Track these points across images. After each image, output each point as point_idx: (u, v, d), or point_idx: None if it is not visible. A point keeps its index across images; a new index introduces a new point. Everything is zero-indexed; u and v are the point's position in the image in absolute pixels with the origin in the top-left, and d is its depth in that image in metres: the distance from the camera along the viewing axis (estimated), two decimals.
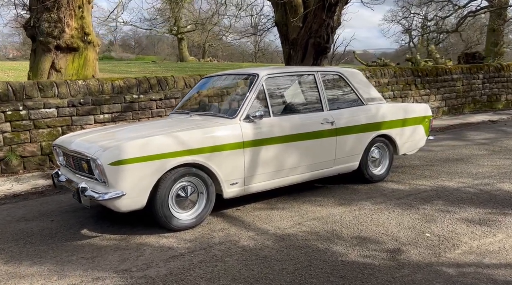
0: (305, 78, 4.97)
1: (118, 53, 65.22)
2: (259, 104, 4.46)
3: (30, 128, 6.15)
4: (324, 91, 4.92)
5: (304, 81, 4.98)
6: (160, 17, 40.16)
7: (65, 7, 8.04)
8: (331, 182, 5.46)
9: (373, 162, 5.40)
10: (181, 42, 42.24)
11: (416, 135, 5.75)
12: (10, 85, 5.99)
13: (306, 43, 12.52)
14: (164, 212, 3.82)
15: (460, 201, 4.63)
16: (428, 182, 5.38)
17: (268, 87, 4.55)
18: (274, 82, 4.66)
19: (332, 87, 5.13)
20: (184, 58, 41.59)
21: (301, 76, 4.97)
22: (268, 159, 4.39)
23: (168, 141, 3.81)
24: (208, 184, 4.06)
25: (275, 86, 4.66)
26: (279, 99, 4.70)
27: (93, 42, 8.60)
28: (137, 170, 3.64)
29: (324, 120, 4.79)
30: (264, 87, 4.49)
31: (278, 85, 4.71)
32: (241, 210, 4.52)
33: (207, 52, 52.17)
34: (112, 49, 69.40)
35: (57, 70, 8.20)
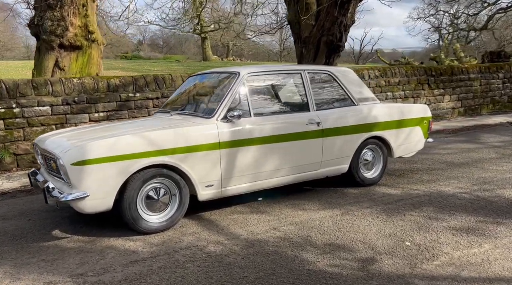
0: (291, 77, 4.79)
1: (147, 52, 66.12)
2: (239, 103, 4.31)
3: (23, 126, 6.16)
4: (311, 90, 4.73)
5: (290, 80, 4.79)
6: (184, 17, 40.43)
7: (68, 6, 8.06)
8: (321, 185, 5.27)
9: (365, 165, 5.17)
10: (205, 42, 42.38)
11: (413, 137, 5.49)
12: (4, 83, 6.01)
13: (318, 41, 12.29)
14: (131, 214, 3.71)
15: (452, 208, 4.37)
16: (423, 187, 5.12)
17: (249, 86, 4.39)
18: (257, 81, 4.50)
19: (321, 86, 4.93)
20: (208, 57, 41.75)
21: (287, 75, 4.79)
22: (248, 161, 4.24)
23: (136, 141, 3.70)
24: (180, 186, 3.94)
25: (257, 85, 4.50)
26: (261, 98, 4.54)
27: (97, 41, 8.61)
28: (102, 171, 3.54)
29: (310, 120, 4.60)
30: (245, 86, 4.33)
31: (261, 84, 4.55)
32: (219, 213, 4.38)
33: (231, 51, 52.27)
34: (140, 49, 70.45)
35: (60, 68, 8.24)
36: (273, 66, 4.77)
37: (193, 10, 39.72)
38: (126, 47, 67.35)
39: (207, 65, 32.56)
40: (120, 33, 49.35)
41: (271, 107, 4.56)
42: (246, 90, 4.32)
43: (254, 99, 4.39)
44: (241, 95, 4.34)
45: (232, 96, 4.25)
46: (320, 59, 12.46)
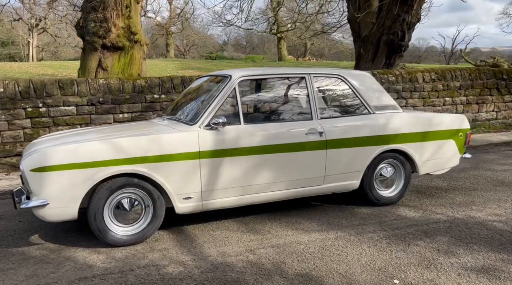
0: (293, 81, 4.33)
1: (230, 52, 67.68)
2: (228, 110, 3.96)
3: (49, 125, 6.29)
4: (316, 96, 4.24)
5: (292, 84, 4.34)
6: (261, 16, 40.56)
7: (111, 7, 8.18)
8: (331, 201, 4.75)
9: (382, 181, 4.56)
10: (280, 41, 42.21)
11: (445, 152, 4.76)
12: (32, 83, 6.17)
13: (378, 40, 11.54)
14: (97, 225, 3.51)
15: (473, 240, 3.67)
16: (449, 211, 4.41)
17: (242, 91, 4.02)
18: (251, 86, 4.11)
19: (329, 92, 4.42)
20: (282, 57, 41.57)
21: (288, 79, 4.34)
22: (234, 173, 3.87)
23: (102, 148, 3.49)
24: (154, 197, 3.68)
25: (252, 90, 4.11)
26: (255, 105, 4.14)
27: (140, 41, 8.67)
28: (63, 178, 3.37)
29: (311, 130, 4.12)
30: (236, 90, 3.96)
31: (256, 89, 4.15)
32: (203, 227, 4.06)
33: (309, 51, 51.60)
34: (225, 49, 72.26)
35: (103, 69, 8.40)
36: (275, 69, 4.34)
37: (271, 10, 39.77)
38: (211, 48, 69.30)
39: (280, 64, 32.33)
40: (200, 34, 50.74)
41: (266, 115, 4.16)
42: (237, 95, 3.95)
43: (246, 106, 4.01)
44: (231, 100, 3.98)
45: (220, 101, 3.90)
46: (379, 59, 11.68)
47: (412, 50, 59.54)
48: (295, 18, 24.48)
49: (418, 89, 8.43)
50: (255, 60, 40.64)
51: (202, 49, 64.15)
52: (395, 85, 8.25)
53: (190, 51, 64.56)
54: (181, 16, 46.64)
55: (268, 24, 40.83)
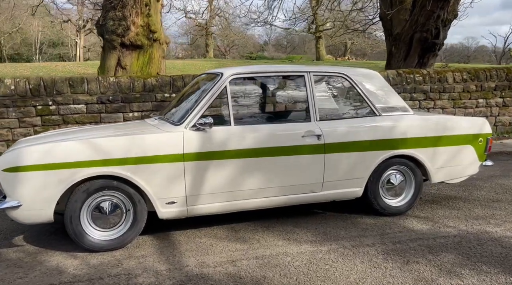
0: (291, 81, 4.05)
1: (271, 52, 67.59)
2: (218, 110, 3.72)
3: (59, 123, 6.27)
4: (315, 97, 3.93)
5: (289, 84, 4.06)
6: (300, 16, 40.13)
7: (131, 6, 8.13)
8: (335, 209, 4.43)
9: (390, 189, 4.19)
10: (319, 41, 41.60)
11: (462, 158, 4.33)
12: (42, 81, 6.16)
13: (410, 38, 11.00)
14: (73, 229, 3.37)
15: (483, 258, 3.26)
16: (462, 224, 3.99)
17: (233, 90, 3.78)
18: (244, 84, 3.86)
19: (331, 92, 4.10)
20: (321, 57, 40.96)
21: (286, 78, 4.05)
22: (222, 177, 3.64)
23: (78, 148, 3.33)
24: (135, 201, 3.49)
25: (245, 89, 3.86)
26: (248, 105, 3.88)
27: (159, 40, 8.59)
28: (37, 179, 3.24)
29: (308, 132, 3.82)
30: (227, 89, 3.72)
31: (249, 88, 3.89)
32: (190, 234, 3.84)
33: (349, 50, 50.67)
34: (265, 49, 72.29)
35: (122, 67, 8.38)
36: (272, 67, 4.05)
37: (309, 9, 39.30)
38: (251, 48, 69.47)
39: (317, 64, 31.82)
40: (239, 34, 50.83)
41: (259, 116, 3.90)
42: (228, 95, 3.71)
43: (238, 105, 3.77)
44: (222, 100, 3.75)
45: (208, 101, 3.68)
46: (411, 58, 11.12)
47: (460, 50, 57.19)
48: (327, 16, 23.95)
49: (447, 89, 7.90)
50: (292, 59, 40.27)
51: (242, 49, 64.36)
52: (422, 85, 7.76)
53: (230, 51, 64.94)
54: (221, 16, 46.94)
55: (306, 23, 40.38)
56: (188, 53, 68.55)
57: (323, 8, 32.75)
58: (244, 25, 31.35)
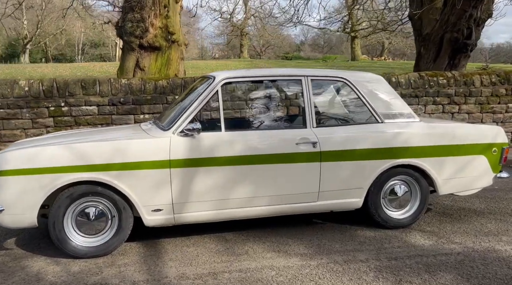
0: (287, 85, 3.88)
1: (307, 52, 67.21)
2: (209, 114, 3.60)
3: (71, 125, 6.32)
4: (312, 102, 3.74)
5: (286, 88, 3.88)
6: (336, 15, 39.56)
7: (149, 7, 8.15)
8: (336, 219, 4.22)
9: (392, 201, 3.95)
10: (354, 41, 40.88)
11: (473, 169, 4.04)
12: (55, 82, 6.23)
13: (440, 39, 10.54)
14: (56, 235, 3.33)
15: (484, 280, 3.00)
16: (470, 240, 3.70)
17: (225, 95, 3.64)
18: (237, 89, 3.72)
19: (329, 97, 3.91)
20: (356, 57, 40.25)
21: (282, 82, 3.88)
22: (210, 185, 3.52)
23: (61, 153, 3.29)
24: (120, 208, 3.42)
25: (237, 93, 3.72)
26: (240, 110, 3.74)
27: (178, 41, 8.57)
28: (19, 184, 3.22)
29: (302, 139, 3.64)
30: (219, 94, 3.60)
31: (242, 92, 3.75)
32: (178, 242, 3.74)
33: (386, 50, 49.60)
34: (302, 49, 71.96)
35: (141, 69, 8.41)
36: (269, 70, 3.90)
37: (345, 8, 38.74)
38: (287, 48, 69.25)
39: (351, 65, 31.27)
40: (274, 34, 50.64)
41: (252, 121, 3.75)
42: (219, 99, 3.58)
43: (230, 110, 3.63)
44: (213, 105, 3.63)
45: (198, 106, 3.56)
46: (441, 59, 10.67)
47: (508, 50, 54.75)
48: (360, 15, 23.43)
49: (474, 93, 7.48)
50: (327, 60, 39.76)
51: (278, 49, 64.23)
52: (447, 88, 7.37)
53: (266, 52, 64.91)
54: (256, 16, 46.92)
55: (341, 23, 39.76)
56: (224, 54, 69.08)
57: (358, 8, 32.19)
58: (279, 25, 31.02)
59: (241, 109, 3.81)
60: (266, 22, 44.94)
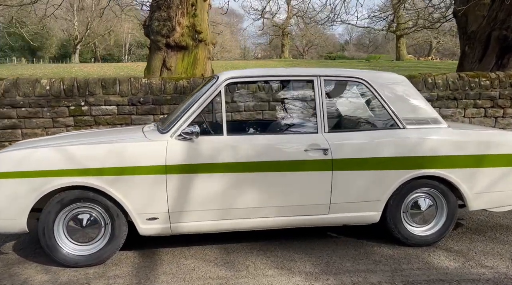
0: (297, 85, 3.55)
1: (351, 52, 66.07)
2: (210, 117, 3.35)
3: (91, 124, 6.24)
4: (324, 105, 3.39)
5: (296, 89, 3.56)
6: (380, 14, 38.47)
7: (176, 6, 8.00)
8: (353, 233, 3.85)
9: (415, 215, 3.55)
10: (399, 40, 39.64)
11: (510, 183, 3.56)
12: (76, 81, 6.17)
13: (487, 37, 9.85)
14: (46, 242, 3.16)
15: None
16: (503, 264, 3.25)
17: (229, 96, 3.37)
18: (242, 90, 3.43)
19: (345, 100, 3.55)
20: (401, 57, 39.04)
21: (291, 82, 3.57)
22: (210, 193, 3.25)
23: (51, 156, 3.12)
24: (113, 215, 3.22)
25: (242, 94, 3.45)
26: (244, 112, 3.45)
27: (205, 41, 8.37)
28: (8, 188, 3.07)
29: (312, 146, 3.31)
30: (222, 95, 3.33)
31: (248, 93, 3.46)
32: (177, 253, 3.49)
33: (434, 50, 47.86)
34: (346, 49, 70.83)
35: (167, 68, 8.27)
36: (279, 70, 3.59)
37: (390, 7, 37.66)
38: (331, 47, 68.30)
39: (395, 65, 30.35)
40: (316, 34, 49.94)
41: (257, 125, 3.45)
42: (222, 101, 3.31)
43: (233, 113, 3.35)
44: (215, 106, 3.37)
45: (199, 107, 3.31)
46: (488, 59, 9.96)
47: None
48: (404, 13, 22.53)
49: None
50: (370, 60, 38.76)
51: (322, 49, 63.45)
52: (490, 90, 6.77)
53: (308, 52, 64.25)
54: (298, 16, 46.41)
55: (386, 22, 38.59)
56: (267, 54, 68.96)
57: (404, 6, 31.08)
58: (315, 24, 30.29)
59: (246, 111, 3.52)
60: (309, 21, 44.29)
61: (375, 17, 38.74)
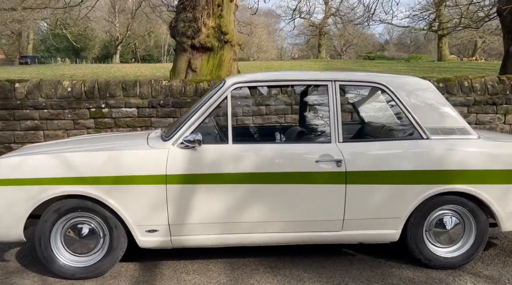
0: (310, 91, 3.28)
1: (391, 52, 64.59)
2: (216, 124, 3.15)
3: (111, 126, 6.17)
4: (339, 112, 3.12)
5: (308, 94, 3.30)
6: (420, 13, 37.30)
7: (202, 6, 7.86)
8: (375, 251, 3.55)
9: (439, 235, 3.22)
10: (441, 40, 38.24)
11: None
12: (97, 83, 6.12)
13: None
14: (42, 252, 3.04)
15: None
16: None
17: (235, 101, 3.17)
18: (250, 95, 3.21)
19: (362, 106, 3.25)
20: (443, 57, 37.68)
21: (304, 87, 3.30)
22: (214, 205, 3.05)
23: (48, 163, 2.99)
24: (111, 226, 3.06)
25: (250, 100, 3.22)
26: (252, 119, 3.22)
27: (231, 42, 8.19)
28: (5, 195, 2.97)
29: (324, 156, 3.04)
30: (228, 100, 3.11)
31: (256, 99, 3.23)
32: (178, 267, 3.30)
33: (479, 50, 46.02)
34: (386, 48, 69.36)
35: (193, 70, 8.14)
36: (290, 74, 3.33)
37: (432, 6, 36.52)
38: (371, 47, 67.01)
39: (436, 65, 29.32)
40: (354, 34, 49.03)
41: (265, 133, 3.21)
42: (228, 107, 3.09)
43: (239, 120, 3.14)
44: (221, 112, 3.16)
45: (203, 113, 3.11)
46: None
47: None
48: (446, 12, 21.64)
49: None
50: (410, 60, 37.65)
51: (360, 49, 62.33)
52: None
53: (346, 52, 63.22)
54: (336, 15, 45.65)
55: (425, 21, 37.33)
56: (304, 54, 68.38)
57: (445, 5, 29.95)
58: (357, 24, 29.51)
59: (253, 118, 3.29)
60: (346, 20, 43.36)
61: (415, 16, 37.53)
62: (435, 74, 17.70)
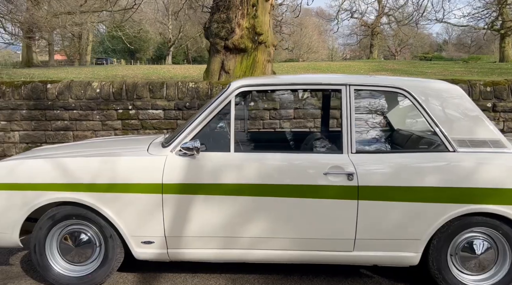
0: (321, 95, 2.99)
1: (450, 52, 62.12)
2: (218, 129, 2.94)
3: (138, 128, 6.12)
4: (353, 119, 2.81)
5: (319, 100, 3.00)
6: (482, 11, 35.40)
7: (236, 7, 7.70)
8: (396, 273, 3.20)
9: (467, 260, 2.83)
10: (504, 39, 36.07)
11: None
12: (125, 84, 6.09)
13: None
14: (37, 260, 2.94)
15: None
16: None
17: (239, 106, 2.94)
18: (256, 100, 2.98)
19: (380, 114, 2.92)
20: (505, 58, 35.54)
21: (315, 91, 3.01)
22: (213, 217, 2.83)
23: (42, 168, 2.89)
24: (106, 235, 2.92)
25: (255, 105, 2.99)
26: (257, 126, 2.97)
27: (265, 43, 7.97)
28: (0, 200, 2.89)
29: (333, 168, 2.75)
30: (231, 105, 2.89)
31: (262, 104, 2.99)
32: (177, 280, 3.11)
33: None
34: (444, 49, 66.80)
35: (226, 71, 8.00)
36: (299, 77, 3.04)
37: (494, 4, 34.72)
38: (427, 47, 64.70)
39: (497, 67, 27.66)
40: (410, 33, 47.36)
41: (270, 141, 2.95)
42: (231, 112, 2.87)
43: (242, 126, 2.91)
44: (223, 118, 2.94)
45: (205, 119, 2.91)
46: None
47: None
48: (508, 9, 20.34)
49: None
50: (468, 61, 35.79)
51: (416, 49, 60.30)
52: None
53: (401, 52, 61.27)
54: (389, 15, 44.29)
55: (484, 20, 35.39)
56: (356, 55, 66.99)
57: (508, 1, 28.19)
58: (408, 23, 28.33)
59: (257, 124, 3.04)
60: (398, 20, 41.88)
61: (475, 14, 35.60)
62: (495, 76, 16.61)
